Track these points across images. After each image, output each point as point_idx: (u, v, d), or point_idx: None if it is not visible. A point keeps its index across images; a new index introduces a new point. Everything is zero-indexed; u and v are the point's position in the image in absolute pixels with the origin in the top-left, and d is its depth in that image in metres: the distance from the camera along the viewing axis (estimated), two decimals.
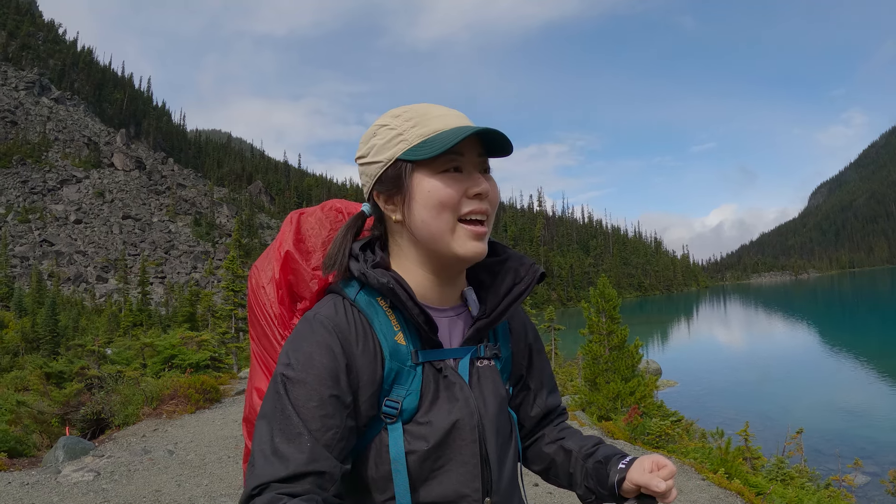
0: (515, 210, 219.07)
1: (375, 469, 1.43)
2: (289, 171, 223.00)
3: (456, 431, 1.46)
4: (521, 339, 1.77)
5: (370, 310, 1.50)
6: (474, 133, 1.43)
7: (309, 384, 1.36)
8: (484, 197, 1.48)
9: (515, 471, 1.65)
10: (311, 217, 1.74)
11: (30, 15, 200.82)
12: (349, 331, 1.45)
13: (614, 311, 18.66)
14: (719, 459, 11.29)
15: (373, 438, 1.45)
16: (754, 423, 16.57)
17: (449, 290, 1.60)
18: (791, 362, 43.15)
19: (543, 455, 1.79)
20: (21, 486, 8.46)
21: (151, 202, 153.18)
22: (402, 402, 1.45)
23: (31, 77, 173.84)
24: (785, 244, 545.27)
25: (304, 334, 1.44)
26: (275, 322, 1.64)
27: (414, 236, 1.52)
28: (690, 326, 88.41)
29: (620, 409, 16.59)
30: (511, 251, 1.68)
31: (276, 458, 1.28)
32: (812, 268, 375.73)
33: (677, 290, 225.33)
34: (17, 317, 52.45)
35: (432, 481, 1.45)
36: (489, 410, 1.54)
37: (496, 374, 1.62)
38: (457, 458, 1.46)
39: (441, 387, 1.50)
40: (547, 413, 1.83)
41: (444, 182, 1.45)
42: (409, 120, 1.49)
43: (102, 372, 18.26)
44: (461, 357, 1.56)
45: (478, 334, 1.59)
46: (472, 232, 1.46)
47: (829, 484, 13.43)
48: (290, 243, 1.66)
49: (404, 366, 1.47)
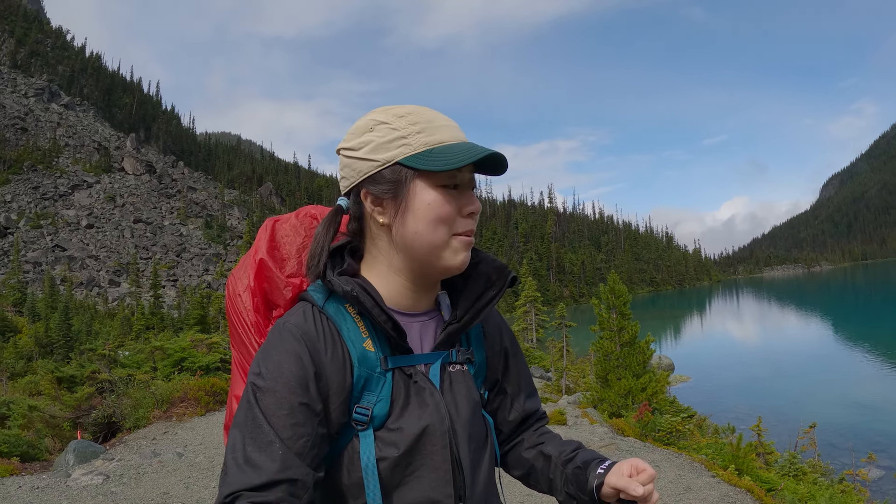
0: (526, 207, 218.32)
1: (348, 476, 1.43)
2: (299, 173, 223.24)
3: (426, 437, 1.45)
4: (495, 343, 1.75)
5: (338, 317, 1.49)
6: (489, 154, 1.42)
7: (278, 393, 1.35)
8: (476, 215, 1.50)
9: (492, 476, 1.64)
10: (285, 224, 1.72)
11: (38, 22, 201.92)
12: (318, 339, 1.44)
13: (625, 307, 18.62)
14: (731, 455, 11.24)
15: (345, 446, 1.44)
16: (767, 418, 16.51)
17: (424, 296, 1.58)
18: (804, 356, 43.01)
19: (523, 460, 1.77)
20: (31, 490, 8.50)
21: (162, 205, 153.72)
22: (373, 409, 1.44)
23: (40, 84, 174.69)
24: (797, 237, 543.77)
25: (273, 343, 1.44)
26: (251, 330, 1.63)
27: (398, 242, 1.50)
28: (703, 321, 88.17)
29: (632, 406, 16.54)
30: (483, 254, 1.66)
31: (249, 467, 1.28)
32: (824, 260, 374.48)
33: (689, 284, 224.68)
34: (30, 322, 52.72)
35: (404, 487, 1.44)
36: (461, 415, 1.53)
37: (469, 378, 1.60)
38: (428, 464, 1.45)
39: (411, 392, 1.48)
40: (525, 417, 1.81)
41: (444, 198, 1.44)
42: (415, 124, 1.46)
43: (113, 376, 18.32)
44: (432, 362, 1.55)
45: (449, 339, 1.57)
46: (465, 243, 1.47)
47: (842, 478, 13.35)
48: (265, 251, 1.64)
49: (374, 372, 1.46)
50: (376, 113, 1.52)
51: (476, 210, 1.48)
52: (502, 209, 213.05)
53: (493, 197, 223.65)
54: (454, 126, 1.49)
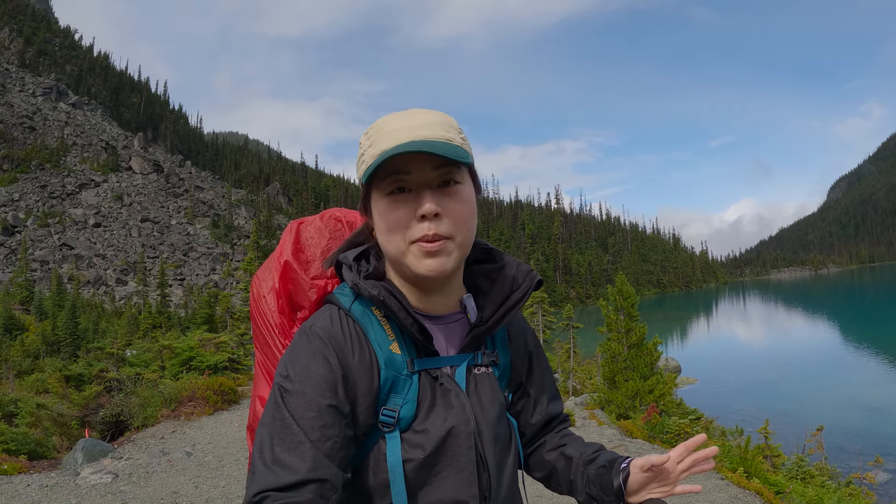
0: (533, 208, 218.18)
1: (374, 477, 1.44)
2: (306, 172, 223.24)
3: (452, 438, 1.45)
4: (520, 346, 1.75)
5: (365, 320, 1.50)
6: (420, 148, 1.35)
7: (307, 395, 1.36)
8: (430, 218, 1.40)
9: (516, 477, 1.64)
10: (310, 226, 1.76)
11: (46, 21, 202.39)
12: (345, 342, 1.45)
13: (632, 308, 18.58)
14: (738, 458, 11.21)
15: (371, 447, 1.45)
16: (774, 421, 16.49)
17: (442, 299, 1.58)
18: (811, 359, 42.93)
19: (545, 462, 1.78)
20: (40, 489, 8.52)
21: (169, 205, 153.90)
22: (399, 411, 1.45)
23: (48, 83, 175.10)
24: (804, 239, 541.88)
25: (301, 346, 1.45)
26: (276, 331, 1.65)
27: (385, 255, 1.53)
28: (710, 323, 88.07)
29: (639, 408, 16.51)
30: (508, 258, 1.67)
31: (277, 467, 1.28)
32: (832, 262, 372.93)
33: (696, 286, 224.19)
34: (37, 320, 52.95)
35: (429, 488, 1.44)
36: (487, 417, 1.53)
37: (494, 380, 1.61)
38: (453, 465, 1.45)
39: (437, 394, 1.49)
40: (548, 420, 1.82)
41: (389, 206, 1.42)
42: (370, 138, 1.46)
43: (121, 374, 18.35)
44: (458, 365, 1.55)
45: (475, 342, 1.57)
46: (423, 249, 1.41)
47: (849, 482, 13.34)
48: (289, 253, 1.67)
49: (400, 375, 1.47)
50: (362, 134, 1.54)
51: (426, 212, 1.38)
52: (509, 210, 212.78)
53: (500, 198, 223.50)
54: (406, 127, 1.40)
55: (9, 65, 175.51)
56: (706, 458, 1.52)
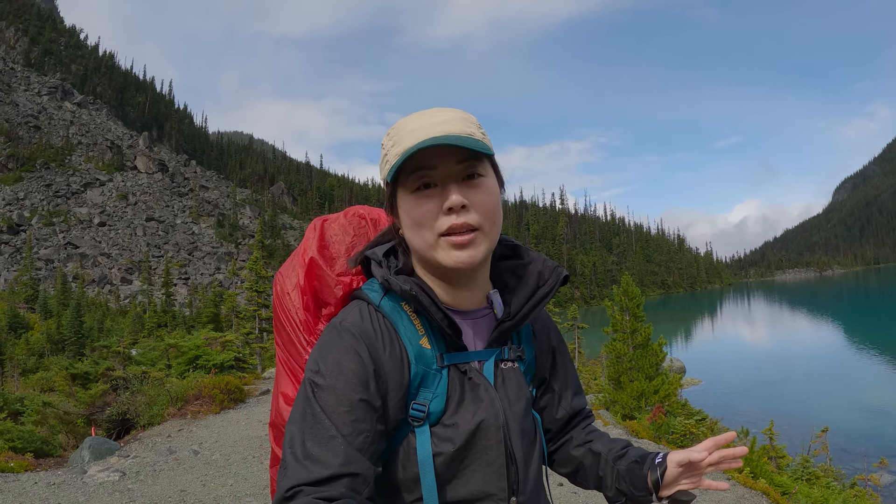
0: (538, 208, 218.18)
1: (403, 471, 1.44)
2: (311, 172, 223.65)
3: (481, 432, 1.47)
4: (544, 342, 1.77)
5: (395, 315, 1.51)
6: (443, 142, 1.39)
7: (339, 390, 1.36)
8: (458, 210, 1.43)
9: (541, 471, 1.65)
10: (334, 224, 1.76)
11: (51, 21, 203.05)
12: (375, 337, 1.45)
13: (638, 309, 18.55)
14: (744, 458, 11.20)
15: (401, 441, 1.46)
16: (779, 422, 16.44)
17: (469, 294, 1.59)
18: (816, 360, 42.83)
19: (571, 458, 1.79)
20: (47, 486, 8.54)
21: (174, 204, 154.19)
22: (429, 405, 1.46)
23: (53, 82, 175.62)
24: (809, 240, 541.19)
25: (331, 341, 1.45)
26: (300, 328, 1.65)
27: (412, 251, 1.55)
28: (714, 324, 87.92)
29: (644, 408, 16.50)
30: (535, 254, 1.68)
31: (310, 461, 1.28)
32: (837, 264, 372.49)
33: (701, 287, 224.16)
34: (42, 319, 52.99)
35: (458, 481, 1.46)
36: (514, 411, 1.54)
37: (520, 375, 1.62)
38: (483, 458, 1.47)
39: (466, 388, 1.50)
40: (573, 415, 1.83)
41: (416, 201, 1.45)
42: (392, 138, 1.49)
43: (128, 373, 18.39)
44: (486, 359, 1.56)
45: (502, 337, 1.58)
46: (452, 242, 1.44)
47: (854, 483, 13.32)
48: (315, 250, 1.68)
49: (430, 369, 1.48)
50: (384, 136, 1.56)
51: (452, 204, 1.41)
52: (514, 210, 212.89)
53: (504, 198, 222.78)
54: (429, 124, 1.44)
55: (14, 64, 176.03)
56: (735, 456, 1.53)
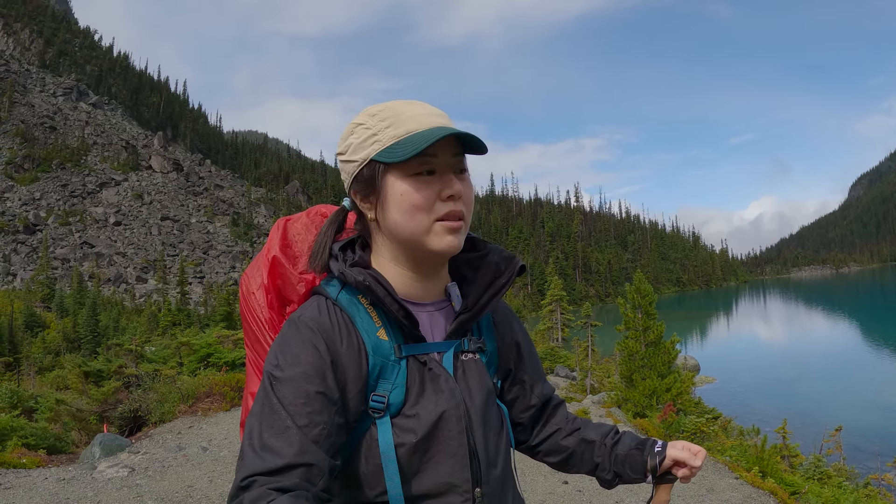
0: (552, 206, 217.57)
1: (366, 464, 1.45)
2: (325, 171, 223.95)
3: (443, 423, 1.48)
4: (506, 334, 1.79)
5: (352, 308, 1.52)
6: (449, 134, 1.44)
7: (295, 381, 1.37)
8: (457, 198, 1.49)
9: (508, 462, 1.66)
10: (297, 223, 1.78)
11: (66, 22, 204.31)
12: (333, 330, 1.47)
13: (650, 306, 18.54)
14: (755, 458, 11.18)
15: (363, 434, 1.47)
16: (793, 421, 16.41)
17: (430, 285, 1.61)
18: (831, 359, 42.68)
19: (561, 447, 1.83)
20: (57, 482, 8.60)
21: (189, 203, 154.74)
22: (389, 396, 1.47)
23: (68, 83, 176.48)
24: (825, 237, 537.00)
25: (290, 335, 1.46)
26: (265, 326, 1.68)
27: (386, 234, 1.55)
28: (729, 322, 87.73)
29: (656, 406, 16.48)
30: (492, 245, 1.70)
31: (265, 452, 1.29)
32: (853, 261, 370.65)
33: (716, 285, 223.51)
34: (58, 317, 53.39)
35: (422, 473, 1.46)
36: (475, 402, 1.56)
37: (481, 366, 1.63)
38: (445, 450, 1.48)
39: (426, 379, 1.52)
40: (545, 403, 1.85)
41: (416, 185, 1.47)
42: (384, 120, 1.50)
43: (140, 370, 18.47)
44: (445, 351, 1.58)
45: (461, 328, 1.60)
46: (447, 227, 1.48)
47: (867, 483, 13.28)
48: (277, 249, 1.70)
49: (388, 360, 1.49)
50: (358, 116, 1.58)
51: (455, 192, 1.47)
52: (528, 208, 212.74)
53: (519, 196, 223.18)
54: (427, 114, 1.50)
55: (29, 65, 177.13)
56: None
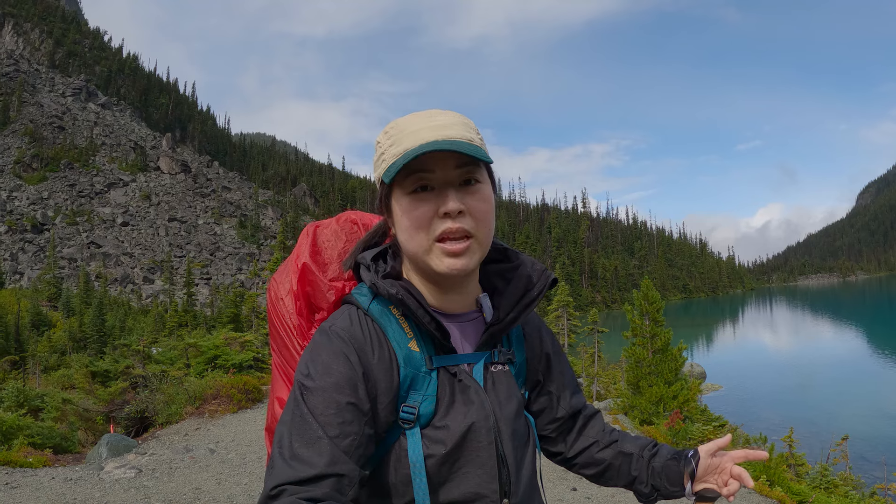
0: (559, 211, 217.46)
1: (395, 474, 1.45)
2: (333, 174, 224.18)
3: (472, 434, 1.48)
4: (536, 345, 1.78)
5: (383, 319, 1.52)
6: (447, 147, 1.39)
7: (327, 392, 1.37)
8: (454, 215, 1.43)
9: (534, 474, 1.66)
10: (326, 229, 1.78)
11: (75, 23, 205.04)
12: (364, 341, 1.47)
13: (658, 313, 18.49)
14: (762, 466, 11.14)
15: (392, 444, 1.47)
16: (799, 430, 16.35)
17: (459, 298, 1.61)
18: (838, 368, 42.54)
19: (597, 460, 1.81)
20: (64, 482, 8.60)
21: (197, 205, 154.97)
22: (419, 408, 1.47)
23: (77, 83, 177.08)
24: (832, 245, 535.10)
25: (321, 345, 1.47)
26: (293, 332, 1.68)
27: (403, 251, 1.56)
28: (736, 330, 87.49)
29: (663, 413, 16.44)
30: (524, 257, 1.70)
31: (296, 461, 1.29)
32: (860, 269, 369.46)
33: (723, 292, 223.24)
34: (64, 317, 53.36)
35: (450, 483, 1.46)
36: (504, 413, 1.56)
37: (511, 378, 1.63)
38: (474, 461, 1.48)
39: (456, 391, 1.51)
40: (574, 414, 1.84)
41: (412, 204, 1.45)
42: (390, 138, 1.50)
43: (147, 371, 18.50)
44: (475, 362, 1.57)
45: (491, 340, 1.60)
46: (444, 250, 1.45)
47: (874, 492, 13.21)
48: (307, 255, 1.70)
49: (419, 372, 1.49)
50: (380, 133, 1.57)
51: (449, 210, 1.42)
52: (535, 213, 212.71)
53: (526, 201, 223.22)
54: (428, 128, 1.45)
55: (39, 66, 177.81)
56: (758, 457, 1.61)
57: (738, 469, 1.63)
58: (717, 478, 1.65)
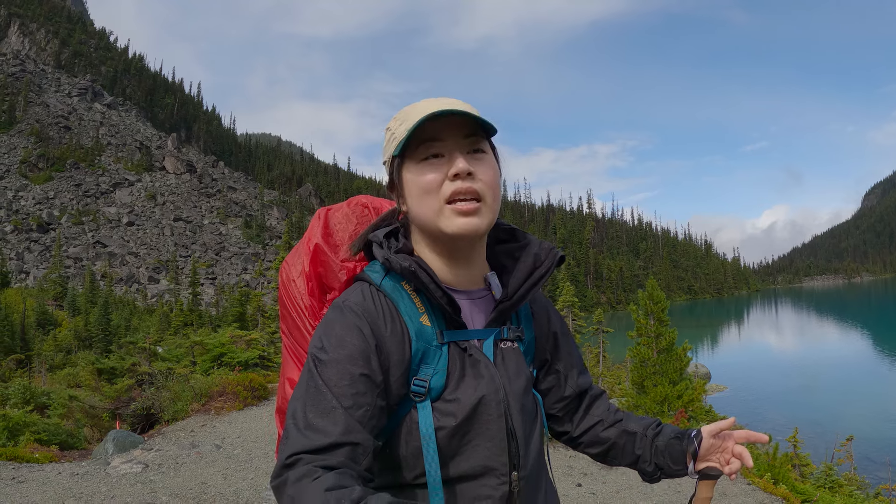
0: (565, 212, 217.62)
1: (406, 446, 1.48)
2: (338, 174, 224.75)
3: (482, 407, 1.51)
4: (543, 324, 1.82)
5: (395, 294, 1.56)
6: (454, 115, 1.48)
7: (341, 364, 1.40)
8: (464, 176, 1.50)
9: (542, 450, 1.69)
10: (338, 213, 1.83)
11: (81, 23, 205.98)
12: (377, 315, 1.50)
13: (663, 313, 18.46)
14: (766, 465, 11.14)
15: (403, 417, 1.50)
16: (804, 430, 16.34)
17: (468, 274, 1.65)
18: (843, 369, 42.47)
19: (602, 439, 1.84)
20: (71, 476, 8.63)
21: (202, 205, 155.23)
22: (430, 381, 1.49)
23: (83, 84, 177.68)
24: (838, 247, 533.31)
25: (335, 319, 1.50)
26: (305, 313, 1.72)
27: (414, 224, 1.62)
28: (741, 331, 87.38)
29: (668, 413, 16.41)
30: (531, 237, 1.74)
31: (311, 431, 1.31)
32: (865, 271, 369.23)
33: (728, 293, 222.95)
34: (70, 316, 53.44)
35: (460, 456, 1.49)
36: (514, 388, 1.59)
37: (519, 354, 1.67)
38: (484, 434, 1.51)
39: (467, 365, 1.55)
40: (580, 393, 1.87)
41: (423, 170, 1.52)
42: (399, 121, 1.56)
43: (153, 369, 18.55)
44: (485, 338, 1.61)
45: (501, 316, 1.63)
46: (456, 209, 1.50)
47: (878, 493, 13.22)
48: (319, 237, 1.74)
49: (430, 346, 1.52)
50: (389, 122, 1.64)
51: (458, 171, 1.49)
52: (541, 214, 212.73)
53: (531, 201, 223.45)
54: (433, 105, 1.52)
55: (45, 66, 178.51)
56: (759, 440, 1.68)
57: (740, 448, 1.66)
58: (720, 457, 1.68)
